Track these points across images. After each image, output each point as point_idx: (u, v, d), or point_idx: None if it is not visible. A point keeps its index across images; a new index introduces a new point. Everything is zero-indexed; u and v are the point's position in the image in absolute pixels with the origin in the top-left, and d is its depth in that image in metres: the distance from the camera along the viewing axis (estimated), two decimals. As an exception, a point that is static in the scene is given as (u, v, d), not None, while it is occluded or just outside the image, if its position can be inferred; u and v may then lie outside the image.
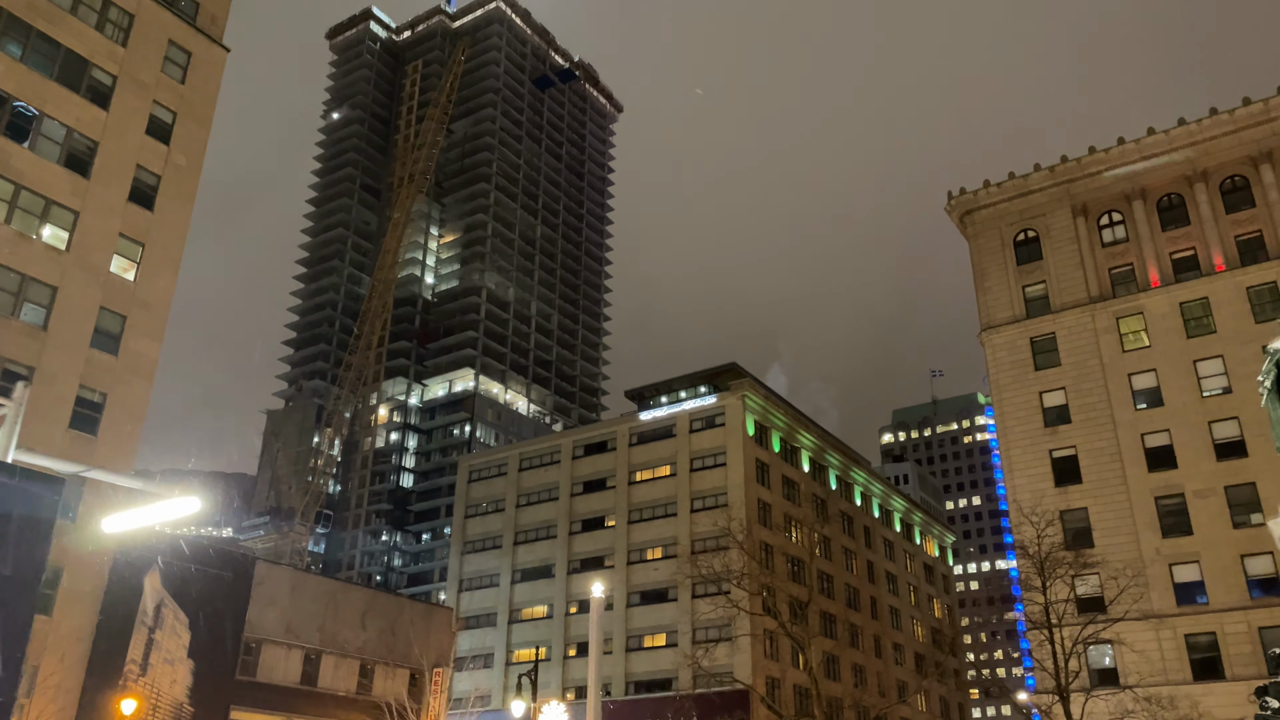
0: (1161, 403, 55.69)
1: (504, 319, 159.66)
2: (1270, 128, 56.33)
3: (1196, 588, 52.33)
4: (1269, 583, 50.54)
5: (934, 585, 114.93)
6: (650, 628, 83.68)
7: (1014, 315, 61.93)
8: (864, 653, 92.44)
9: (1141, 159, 60.08)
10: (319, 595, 46.29)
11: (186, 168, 45.87)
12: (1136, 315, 57.94)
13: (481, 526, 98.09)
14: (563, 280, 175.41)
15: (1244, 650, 49.96)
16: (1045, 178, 63.16)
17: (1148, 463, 55.00)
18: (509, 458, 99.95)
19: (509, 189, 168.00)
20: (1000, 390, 60.71)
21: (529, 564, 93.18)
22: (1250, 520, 51.91)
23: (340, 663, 45.80)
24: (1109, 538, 53.73)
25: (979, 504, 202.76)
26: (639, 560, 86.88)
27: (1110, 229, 61.06)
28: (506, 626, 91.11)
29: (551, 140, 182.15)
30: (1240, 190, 57.32)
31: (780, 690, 77.77)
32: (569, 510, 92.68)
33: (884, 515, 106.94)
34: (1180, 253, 58.16)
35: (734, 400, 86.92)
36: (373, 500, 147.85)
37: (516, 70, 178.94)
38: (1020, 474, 57.69)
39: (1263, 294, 53.91)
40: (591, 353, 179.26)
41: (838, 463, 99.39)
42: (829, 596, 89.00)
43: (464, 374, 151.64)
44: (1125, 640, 48.51)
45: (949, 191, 66.41)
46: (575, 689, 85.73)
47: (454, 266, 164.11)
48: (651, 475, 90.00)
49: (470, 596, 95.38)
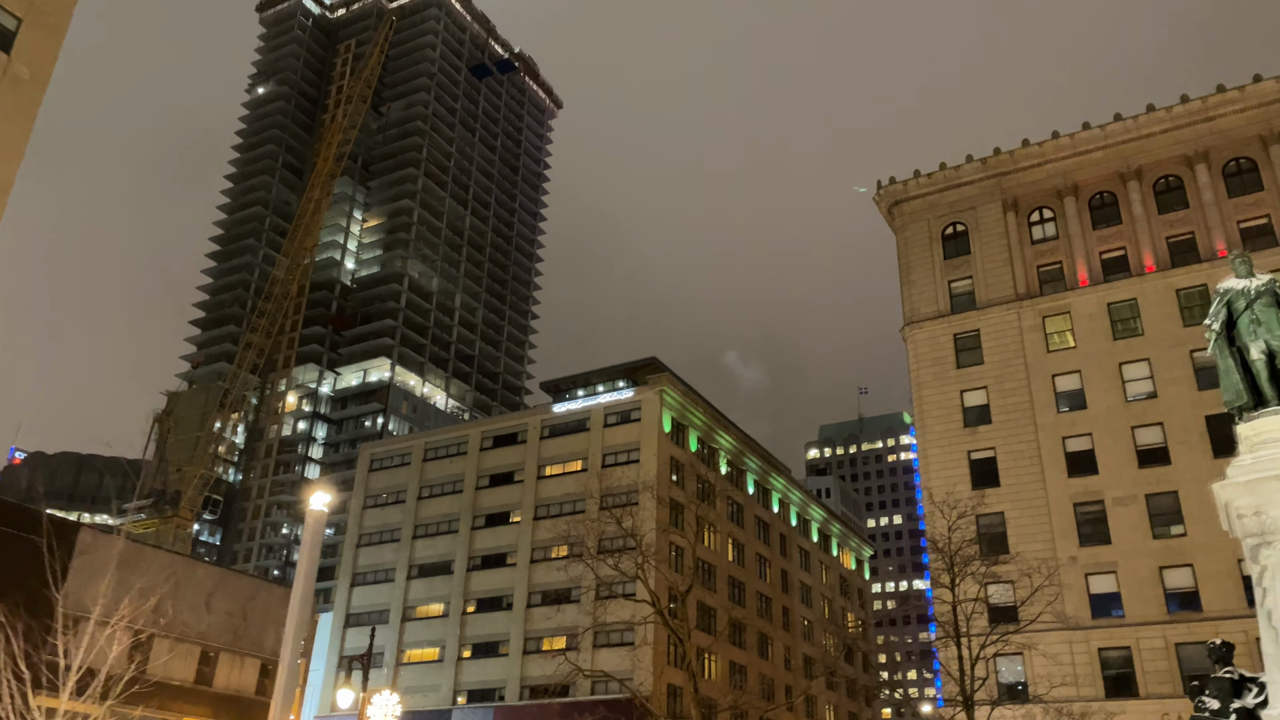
0: (1085, 406, 53.35)
1: (426, 309, 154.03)
2: (1208, 126, 54.59)
3: (1113, 599, 49.88)
4: (1188, 596, 48.25)
5: (849, 599, 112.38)
6: (551, 630, 79.14)
7: (938, 311, 59.28)
8: (772, 663, 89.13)
9: (1075, 154, 58.00)
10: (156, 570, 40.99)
11: (29, 81, 40.54)
12: (1063, 315, 55.66)
13: (380, 518, 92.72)
14: (490, 274, 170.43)
15: (1160, 667, 47.56)
16: (976, 170, 60.79)
17: (1068, 467, 52.57)
18: (413, 447, 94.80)
19: (439, 177, 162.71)
20: (921, 388, 57.90)
21: (427, 559, 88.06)
22: (1170, 531, 49.71)
23: (175, 648, 40.58)
24: (1025, 544, 51.03)
25: (900, 523, 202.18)
26: (543, 559, 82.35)
27: (1040, 225, 58.83)
28: (399, 625, 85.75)
29: (486, 131, 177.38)
30: (1174, 190, 55.48)
31: (682, 698, 73.88)
32: (473, 504, 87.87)
33: (802, 524, 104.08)
34: (1110, 252, 56.08)
35: (651, 395, 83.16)
36: (275, 491, 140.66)
37: (454, 57, 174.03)
38: (937, 475, 54.83)
39: (1192, 296, 51.92)
40: (516, 349, 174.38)
41: (757, 467, 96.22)
42: (739, 604, 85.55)
43: (380, 364, 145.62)
44: (1037, 650, 45.70)
45: (878, 180, 63.79)
46: (469, 692, 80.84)
47: (376, 252, 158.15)
48: (562, 470, 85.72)
49: (363, 592, 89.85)
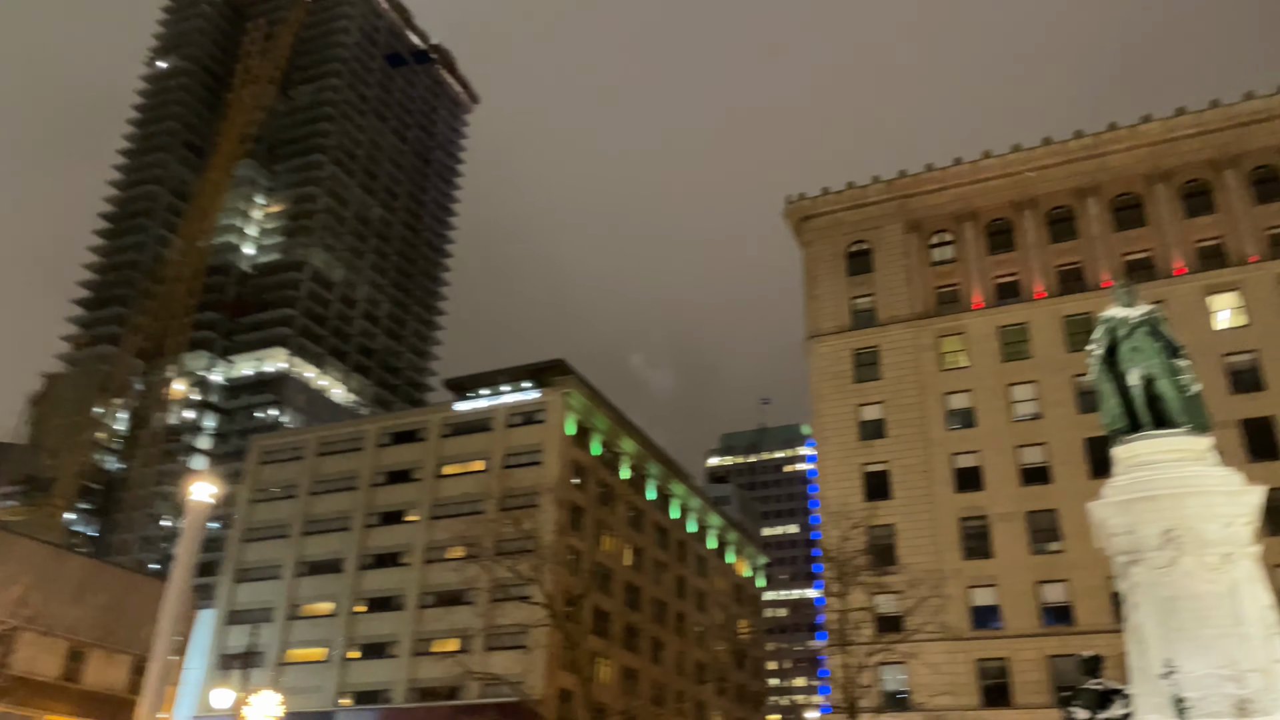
0: (974, 424, 55.29)
1: (327, 300, 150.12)
2: (1098, 162, 57.26)
3: (993, 612, 51.75)
4: (1062, 610, 50.38)
5: (742, 606, 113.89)
6: (443, 631, 77.84)
7: (840, 326, 60.65)
8: (665, 668, 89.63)
9: (975, 181, 60.15)
10: (22, 559, 38.90)
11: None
12: (958, 335, 57.59)
13: (269, 513, 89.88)
14: (397, 267, 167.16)
15: (1033, 678, 49.49)
16: (882, 190, 62.48)
17: (956, 483, 54.37)
18: (307, 441, 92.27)
19: (347, 165, 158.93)
20: (820, 400, 59.13)
21: (317, 556, 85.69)
22: (1048, 547, 51.83)
23: (41, 641, 38.53)
24: (913, 556, 52.51)
25: (795, 532, 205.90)
26: (438, 559, 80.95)
27: (940, 248, 60.81)
28: (284, 623, 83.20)
29: (399, 121, 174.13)
30: (1065, 221, 58.02)
31: (573, 702, 73.62)
32: (368, 501, 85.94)
33: (700, 531, 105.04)
34: (1004, 277, 58.29)
35: (556, 397, 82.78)
36: (160, 481, 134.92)
37: (368, 44, 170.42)
38: (833, 486, 56.05)
39: (1078, 323, 54.22)
40: (421, 345, 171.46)
41: (659, 473, 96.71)
42: (635, 609, 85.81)
43: (276, 354, 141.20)
44: (920, 659, 47.07)
45: (787, 196, 64.96)
46: (355, 694, 78.94)
47: (278, 239, 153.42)
48: (462, 469, 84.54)
49: (248, 588, 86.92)
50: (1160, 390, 17.20)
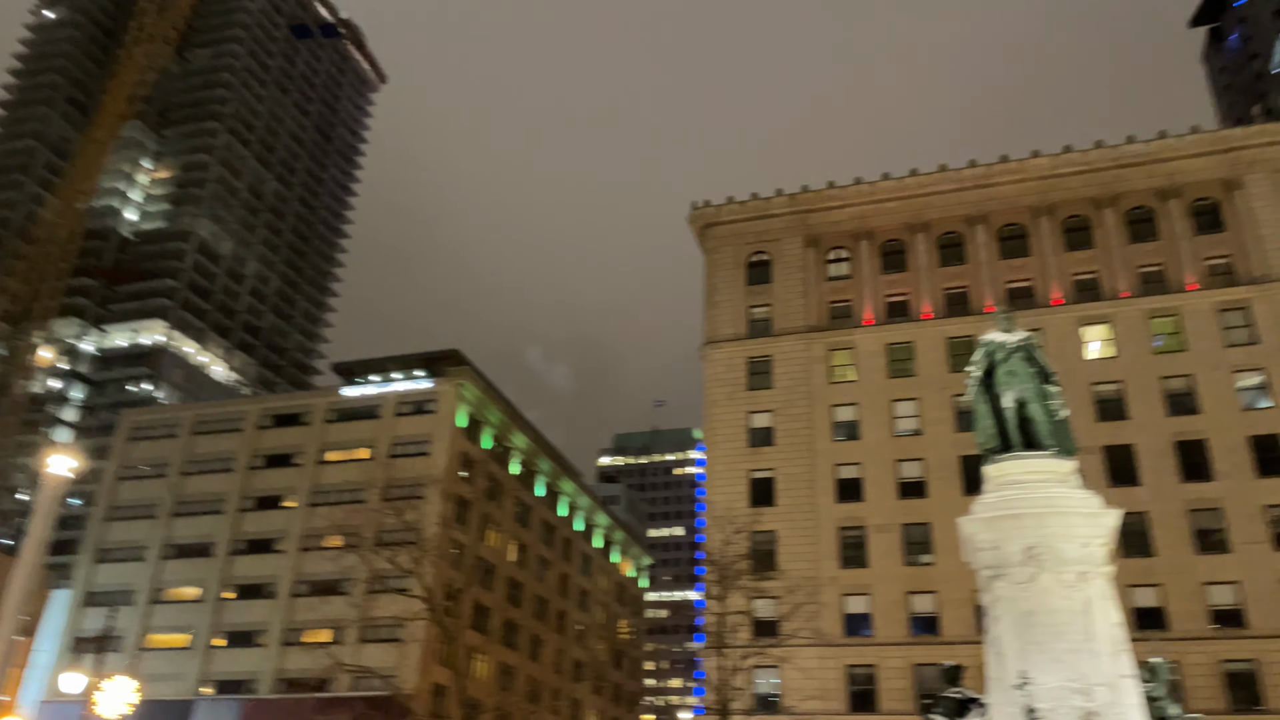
0: (858, 436, 56.79)
1: (213, 273, 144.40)
2: (988, 192, 59.59)
3: (864, 620, 53.23)
4: (929, 621, 52.17)
5: (624, 605, 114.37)
6: (315, 621, 75.70)
7: (737, 334, 61.52)
8: (542, 666, 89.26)
9: (872, 201, 61.85)
10: None
11: None
12: (848, 350, 59.10)
13: (136, 491, 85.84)
14: (290, 244, 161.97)
15: (899, 685, 51.09)
16: (785, 204, 63.64)
17: (837, 493, 55.75)
18: (182, 418, 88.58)
19: (243, 134, 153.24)
20: (713, 406, 59.85)
21: (186, 539, 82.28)
22: (920, 559, 53.60)
23: None
24: (792, 562, 53.63)
25: (680, 534, 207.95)
26: (315, 547, 78.68)
27: (837, 264, 62.28)
28: (146, 607, 79.60)
29: (302, 95, 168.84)
30: (955, 246, 60.16)
31: (447, 697, 72.57)
32: (244, 485, 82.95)
33: (587, 530, 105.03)
34: (895, 296, 60.09)
35: (448, 388, 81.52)
36: (18, 453, 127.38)
37: (274, 12, 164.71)
38: (720, 491, 56.79)
39: (960, 345, 56.26)
40: (311, 327, 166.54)
41: (549, 470, 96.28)
42: (516, 605, 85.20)
43: (154, 326, 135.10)
44: (793, 664, 48.07)
45: (693, 202, 65.55)
46: (217, 683, 76.09)
47: (163, 206, 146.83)
48: (346, 456, 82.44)
49: (109, 569, 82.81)
50: (1031, 413, 17.96)
